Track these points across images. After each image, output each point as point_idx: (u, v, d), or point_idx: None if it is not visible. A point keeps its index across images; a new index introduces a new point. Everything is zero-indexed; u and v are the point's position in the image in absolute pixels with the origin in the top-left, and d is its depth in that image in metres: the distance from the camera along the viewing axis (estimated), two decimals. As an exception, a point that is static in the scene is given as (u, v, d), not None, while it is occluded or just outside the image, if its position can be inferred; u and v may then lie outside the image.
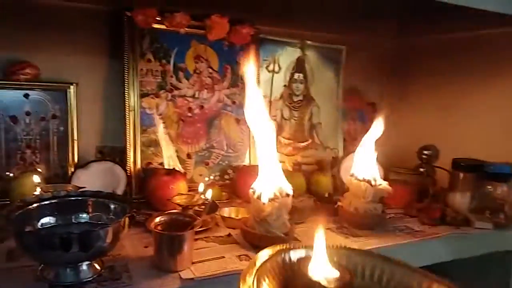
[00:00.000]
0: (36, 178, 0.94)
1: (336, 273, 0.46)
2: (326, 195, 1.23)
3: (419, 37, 1.56)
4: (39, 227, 0.81)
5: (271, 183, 0.90)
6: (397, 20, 1.38)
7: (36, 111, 1.13)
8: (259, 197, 0.89)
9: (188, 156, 1.27)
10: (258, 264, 0.46)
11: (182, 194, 1.07)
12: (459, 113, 1.44)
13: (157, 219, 0.83)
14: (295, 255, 0.50)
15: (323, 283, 0.45)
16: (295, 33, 1.44)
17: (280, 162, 0.95)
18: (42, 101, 1.13)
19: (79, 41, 1.18)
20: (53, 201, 0.83)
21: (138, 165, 1.19)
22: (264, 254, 0.48)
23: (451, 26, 1.36)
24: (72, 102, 1.15)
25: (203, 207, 1.02)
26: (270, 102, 1.42)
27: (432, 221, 1.11)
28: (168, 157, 1.23)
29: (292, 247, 0.50)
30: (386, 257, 0.52)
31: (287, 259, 0.49)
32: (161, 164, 1.22)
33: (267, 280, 0.45)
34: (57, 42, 1.16)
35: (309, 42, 1.46)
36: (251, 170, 1.24)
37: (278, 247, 0.50)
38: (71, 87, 1.15)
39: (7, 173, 1.10)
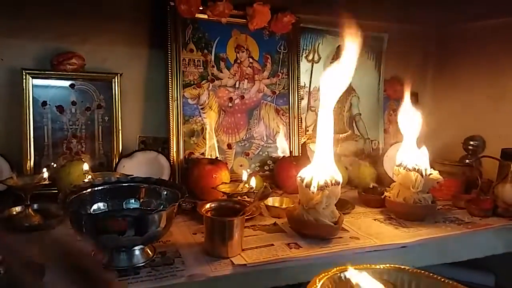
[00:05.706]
0: (86, 166, 0.95)
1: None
2: (371, 186, 1.21)
3: (464, 24, 1.51)
4: (91, 212, 0.81)
5: (320, 170, 0.89)
6: (440, 7, 1.33)
7: (81, 101, 1.14)
8: (307, 185, 0.87)
9: (229, 146, 1.27)
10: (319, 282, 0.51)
11: (225, 183, 1.06)
12: (506, 102, 1.38)
13: (208, 205, 0.83)
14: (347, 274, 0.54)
15: None
16: (335, 21, 1.41)
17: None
18: (88, 91, 1.15)
19: (122, 32, 1.20)
20: (105, 187, 0.83)
21: (181, 155, 1.19)
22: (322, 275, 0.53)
23: (494, 10, 1.30)
24: (116, 92, 1.16)
25: (245, 197, 1.02)
26: (309, 92, 1.41)
27: (483, 212, 1.07)
28: (210, 147, 1.23)
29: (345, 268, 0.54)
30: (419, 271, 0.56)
31: (341, 277, 0.54)
32: (203, 154, 1.22)
33: None
34: (101, 33, 1.17)
35: (349, 30, 1.42)
36: (292, 161, 1.24)
37: (335, 270, 0.54)
38: (116, 77, 1.16)
39: (52, 163, 1.12)
